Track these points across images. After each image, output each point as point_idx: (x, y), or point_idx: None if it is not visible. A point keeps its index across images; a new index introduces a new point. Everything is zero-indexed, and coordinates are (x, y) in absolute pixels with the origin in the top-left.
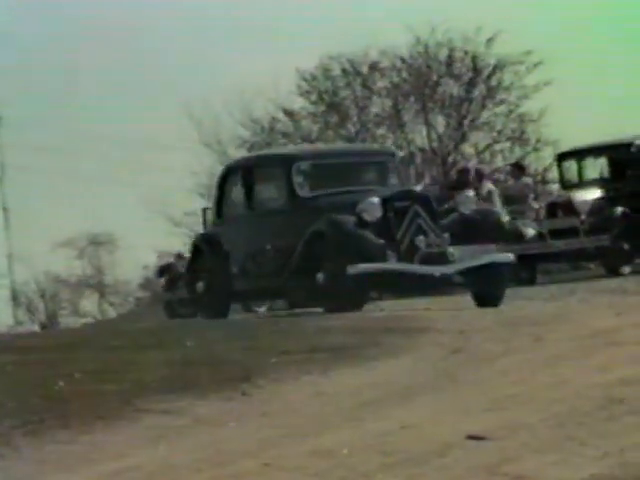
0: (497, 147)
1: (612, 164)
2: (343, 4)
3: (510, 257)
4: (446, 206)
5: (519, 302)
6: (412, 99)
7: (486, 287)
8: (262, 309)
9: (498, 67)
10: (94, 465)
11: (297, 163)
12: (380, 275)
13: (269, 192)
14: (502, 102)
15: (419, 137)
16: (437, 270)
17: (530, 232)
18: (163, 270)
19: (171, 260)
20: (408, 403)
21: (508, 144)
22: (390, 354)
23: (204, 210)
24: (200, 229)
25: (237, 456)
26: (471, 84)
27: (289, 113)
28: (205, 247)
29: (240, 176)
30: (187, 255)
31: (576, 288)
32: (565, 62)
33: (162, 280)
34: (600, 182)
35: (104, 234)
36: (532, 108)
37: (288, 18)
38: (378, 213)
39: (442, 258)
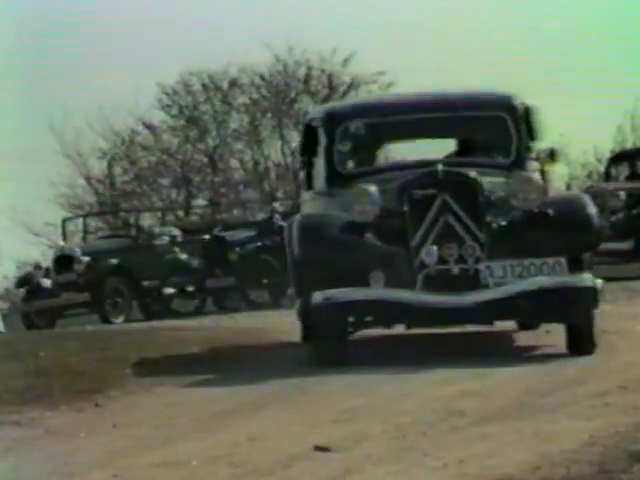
0: None
1: None
2: (203, 20)
3: (588, 279)
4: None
5: None
6: (269, 115)
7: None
8: (119, 320)
9: (353, 85)
10: None
11: (344, 124)
12: (364, 304)
13: (317, 165)
14: None
15: (275, 153)
16: (447, 301)
17: None
18: (22, 281)
19: (30, 270)
20: (258, 415)
21: None
22: (243, 366)
23: (64, 221)
24: (59, 240)
25: (86, 467)
26: (327, 101)
27: (149, 126)
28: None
29: (301, 142)
30: (45, 266)
31: None
32: (416, 83)
33: (21, 291)
34: None
35: None
36: None
37: (149, 32)
38: (371, 209)
39: (467, 280)
